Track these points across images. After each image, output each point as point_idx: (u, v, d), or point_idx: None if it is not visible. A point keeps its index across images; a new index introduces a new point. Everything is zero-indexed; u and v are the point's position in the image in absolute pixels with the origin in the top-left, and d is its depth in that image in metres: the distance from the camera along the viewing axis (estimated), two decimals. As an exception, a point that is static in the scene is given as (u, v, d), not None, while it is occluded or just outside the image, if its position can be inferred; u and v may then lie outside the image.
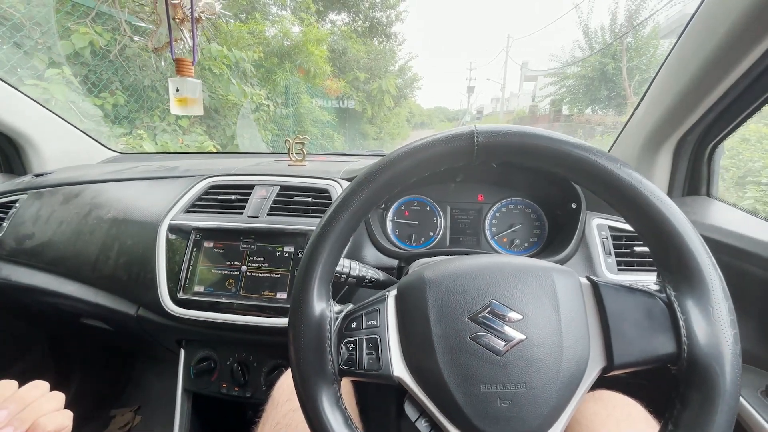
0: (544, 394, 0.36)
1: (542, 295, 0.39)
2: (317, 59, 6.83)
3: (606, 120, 11.99)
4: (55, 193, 0.98)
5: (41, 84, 2.37)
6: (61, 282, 0.88)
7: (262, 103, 5.37)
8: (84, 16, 2.85)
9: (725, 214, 0.72)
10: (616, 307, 0.38)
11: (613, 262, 0.76)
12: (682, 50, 0.67)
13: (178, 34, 0.61)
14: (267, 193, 0.84)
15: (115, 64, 3.21)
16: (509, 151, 0.38)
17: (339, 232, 0.40)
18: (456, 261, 0.44)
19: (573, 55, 13.15)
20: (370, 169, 0.40)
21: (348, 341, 0.40)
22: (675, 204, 0.36)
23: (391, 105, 10.70)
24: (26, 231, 0.92)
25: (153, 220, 0.83)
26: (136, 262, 0.81)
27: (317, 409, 0.38)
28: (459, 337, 0.38)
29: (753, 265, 0.61)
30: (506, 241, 0.89)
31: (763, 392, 0.56)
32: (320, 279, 0.40)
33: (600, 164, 0.36)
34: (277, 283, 0.74)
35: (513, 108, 26.84)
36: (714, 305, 0.34)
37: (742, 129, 0.72)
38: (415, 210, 0.93)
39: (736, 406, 0.32)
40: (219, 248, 0.78)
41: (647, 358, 0.36)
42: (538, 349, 0.37)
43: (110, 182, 0.98)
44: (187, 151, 3.48)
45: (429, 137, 0.40)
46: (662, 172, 0.82)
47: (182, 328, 0.79)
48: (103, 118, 3.02)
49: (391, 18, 11.34)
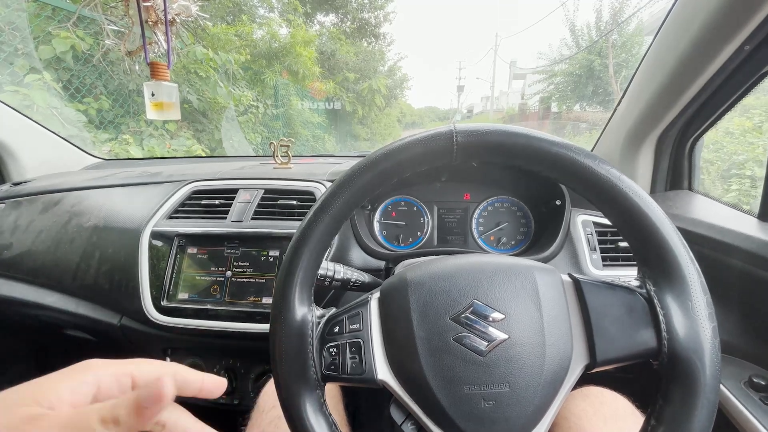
0: (528, 394, 0.36)
1: (524, 294, 0.39)
2: (306, 61, 6.80)
3: (594, 117, 12.14)
4: (33, 202, 0.95)
5: (22, 90, 2.31)
6: (42, 293, 0.86)
7: (251, 105, 5.31)
8: (65, 21, 2.79)
9: (706, 207, 0.73)
10: (597, 303, 0.38)
11: (599, 258, 0.77)
12: (659, 48, 0.67)
13: (152, 37, 0.60)
14: (251, 197, 0.83)
15: (98, 68, 3.15)
16: (488, 150, 0.38)
17: (319, 235, 0.40)
18: (438, 261, 0.43)
19: (560, 52, 13.30)
20: (349, 171, 0.39)
21: (331, 346, 0.40)
22: (654, 199, 0.36)
23: (382, 105, 10.69)
24: (4, 241, 0.90)
25: (135, 226, 0.81)
26: (118, 271, 0.79)
27: (300, 415, 0.37)
28: (442, 339, 0.38)
29: (734, 257, 0.61)
30: (493, 240, 0.89)
31: (746, 383, 0.57)
32: (301, 284, 0.40)
33: (578, 161, 0.36)
34: (263, 289, 0.73)
35: (503, 106, 27.00)
36: (692, 299, 0.34)
37: (726, 123, 0.73)
38: (402, 210, 0.93)
39: (716, 399, 0.33)
40: (203, 254, 0.77)
41: (629, 354, 0.36)
42: (520, 348, 0.37)
43: (91, 189, 0.96)
44: (174, 155, 3.43)
45: (408, 137, 0.39)
46: (645, 168, 0.83)
47: (167, 337, 0.77)
48: (87, 124, 2.95)
49: (379, 19, 11.36)
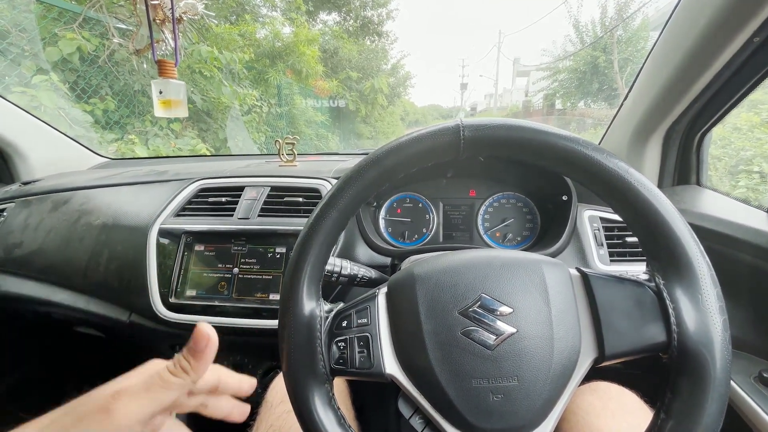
0: (537, 387, 0.36)
1: (532, 288, 0.39)
2: (309, 59, 6.80)
3: (599, 113, 12.05)
4: (43, 201, 0.96)
5: (29, 91, 2.34)
6: (52, 290, 0.87)
7: (255, 104, 5.33)
8: (71, 22, 2.82)
9: (715, 202, 0.73)
10: (606, 297, 0.38)
11: (606, 253, 0.76)
12: (666, 41, 0.67)
13: (159, 35, 0.61)
14: (257, 194, 0.83)
15: (104, 69, 3.18)
16: (495, 144, 0.38)
17: (327, 231, 0.40)
18: (445, 256, 0.43)
19: (564, 49, 13.22)
20: (356, 167, 0.39)
21: (339, 340, 0.40)
22: (663, 193, 0.36)
23: (385, 104, 10.66)
24: (15, 240, 0.91)
25: (143, 224, 0.82)
26: (126, 268, 0.80)
27: (309, 409, 0.37)
28: (450, 333, 0.38)
29: (743, 251, 0.61)
30: (499, 236, 0.89)
31: (756, 378, 0.56)
32: (309, 279, 0.40)
33: (587, 155, 0.36)
34: (270, 285, 0.74)
35: (506, 104, 26.89)
36: (702, 292, 0.34)
37: (734, 118, 0.72)
38: (407, 207, 0.93)
39: (726, 393, 0.32)
40: (210, 251, 0.77)
41: (638, 348, 0.36)
42: (529, 342, 0.37)
43: (99, 188, 0.97)
44: (179, 155, 3.45)
45: (415, 132, 0.39)
46: (652, 162, 0.82)
47: (175, 333, 0.78)
48: (93, 125, 2.98)
49: (382, 16, 11.33)
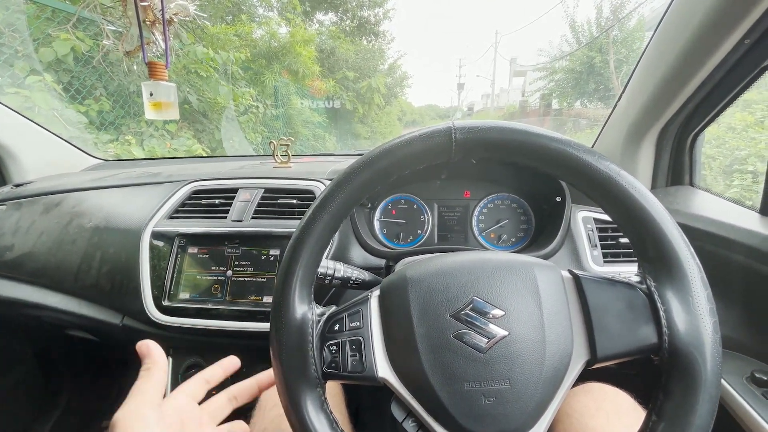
0: (529, 390, 0.36)
1: (524, 291, 0.39)
2: (305, 60, 6.78)
3: (595, 113, 12.10)
4: (35, 203, 0.95)
5: (23, 92, 2.32)
6: (44, 293, 0.86)
7: (251, 104, 5.31)
8: (65, 22, 2.79)
9: (707, 202, 0.73)
10: (597, 299, 0.38)
11: (599, 254, 0.77)
12: (659, 42, 0.67)
13: (150, 37, 0.60)
14: (251, 196, 0.83)
15: (98, 70, 3.15)
16: (487, 147, 0.38)
17: (319, 233, 0.40)
18: (438, 259, 0.43)
19: (561, 49, 13.27)
20: (348, 170, 0.39)
21: (331, 344, 0.40)
22: (655, 194, 0.36)
23: (382, 104, 10.66)
24: (5, 242, 0.90)
25: (135, 227, 0.81)
26: (119, 271, 0.79)
27: (301, 414, 0.37)
28: (442, 336, 0.37)
29: (735, 252, 0.61)
30: (494, 237, 0.89)
31: (748, 378, 0.56)
32: (301, 282, 0.40)
33: (578, 157, 0.36)
34: (264, 288, 0.73)
35: (503, 104, 26.97)
36: (693, 294, 0.34)
37: (728, 118, 0.73)
38: (402, 208, 0.93)
39: (717, 395, 0.32)
40: (204, 254, 0.77)
41: (630, 350, 0.36)
42: (521, 344, 0.37)
43: (91, 190, 0.96)
44: (174, 156, 3.44)
45: (407, 134, 0.39)
46: (646, 163, 0.83)
47: (169, 336, 0.78)
48: (88, 125, 2.96)
49: (379, 16, 11.31)
